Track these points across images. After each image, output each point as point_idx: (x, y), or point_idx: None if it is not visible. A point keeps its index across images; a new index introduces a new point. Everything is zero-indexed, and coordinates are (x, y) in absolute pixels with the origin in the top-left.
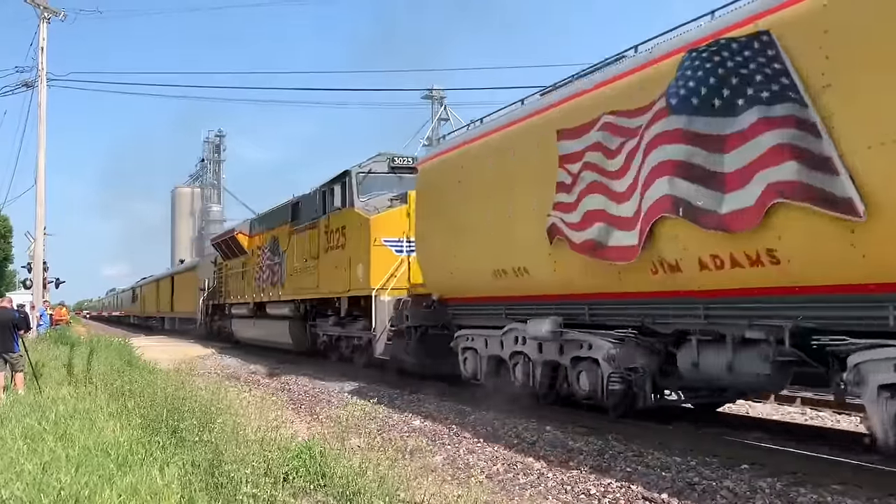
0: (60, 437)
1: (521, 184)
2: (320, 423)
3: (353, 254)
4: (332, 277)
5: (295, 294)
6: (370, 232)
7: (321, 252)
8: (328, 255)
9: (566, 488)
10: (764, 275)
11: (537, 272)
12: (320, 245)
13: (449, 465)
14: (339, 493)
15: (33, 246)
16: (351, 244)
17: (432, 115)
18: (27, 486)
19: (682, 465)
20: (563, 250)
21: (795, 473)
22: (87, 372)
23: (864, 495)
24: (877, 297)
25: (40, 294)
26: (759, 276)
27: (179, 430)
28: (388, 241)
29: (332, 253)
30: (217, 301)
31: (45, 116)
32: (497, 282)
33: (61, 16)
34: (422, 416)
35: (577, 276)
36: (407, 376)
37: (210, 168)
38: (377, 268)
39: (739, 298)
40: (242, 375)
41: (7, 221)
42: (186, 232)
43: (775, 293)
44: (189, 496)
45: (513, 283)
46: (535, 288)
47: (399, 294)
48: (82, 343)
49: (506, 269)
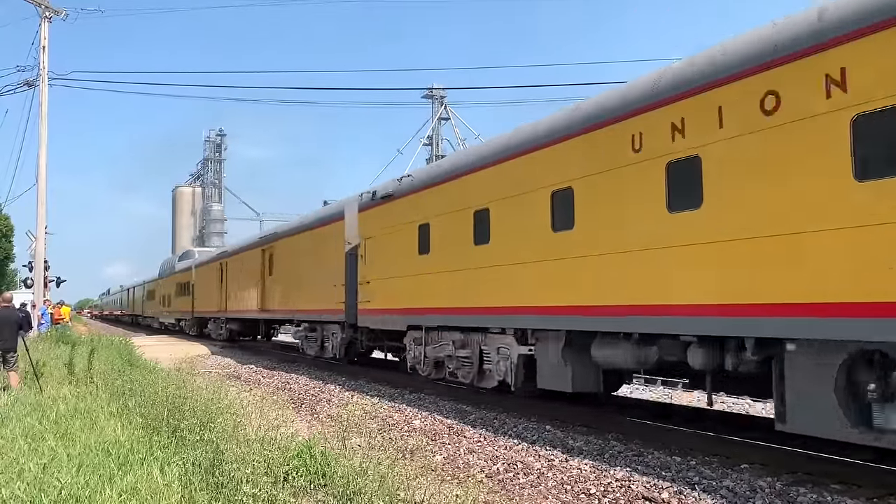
0: (61, 436)
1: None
2: (321, 423)
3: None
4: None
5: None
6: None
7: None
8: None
9: (566, 488)
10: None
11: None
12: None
13: (449, 465)
14: (339, 492)
15: (34, 245)
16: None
17: (432, 115)
18: (28, 485)
19: (681, 465)
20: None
21: (795, 473)
22: (88, 371)
23: (863, 495)
24: None
25: (41, 293)
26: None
27: (180, 430)
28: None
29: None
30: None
31: (46, 115)
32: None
33: (62, 15)
34: (422, 416)
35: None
36: (406, 376)
37: (211, 167)
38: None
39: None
40: (243, 374)
41: (8, 220)
42: (187, 231)
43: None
44: (190, 495)
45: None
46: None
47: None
48: (83, 342)
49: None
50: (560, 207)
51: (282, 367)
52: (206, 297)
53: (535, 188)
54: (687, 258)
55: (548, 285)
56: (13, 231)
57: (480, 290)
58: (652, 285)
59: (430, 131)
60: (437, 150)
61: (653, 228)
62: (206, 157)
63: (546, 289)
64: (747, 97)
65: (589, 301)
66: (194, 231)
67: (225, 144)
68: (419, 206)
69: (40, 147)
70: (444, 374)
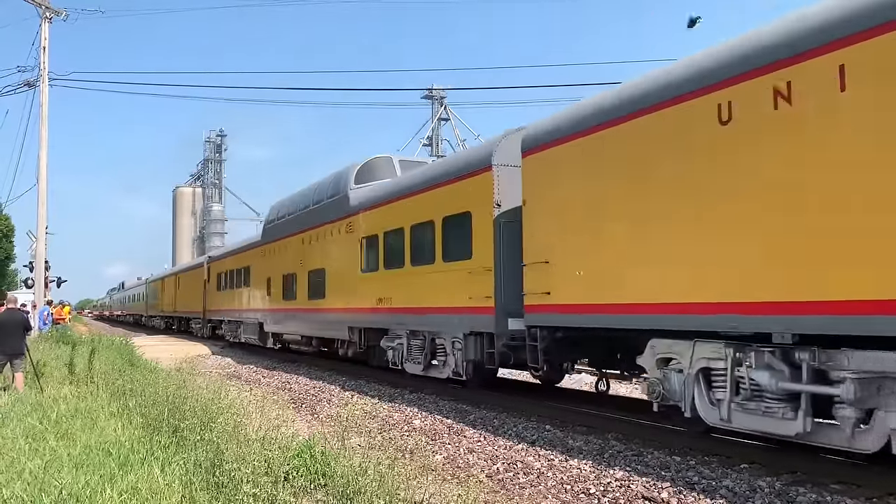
0: (62, 436)
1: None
2: (321, 423)
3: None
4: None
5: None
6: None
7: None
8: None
9: (566, 488)
10: None
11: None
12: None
13: (449, 465)
14: (339, 492)
15: (35, 245)
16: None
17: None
18: (28, 485)
19: (681, 465)
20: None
21: (795, 473)
22: (89, 371)
23: (863, 495)
24: None
25: (42, 293)
26: None
27: (181, 430)
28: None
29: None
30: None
31: (46, 116)
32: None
33: (63, 15)
34: (422, 416)
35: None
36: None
37: (211, 167)
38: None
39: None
40: (243, 374)
41: (9, 221)
42: (188, 232)
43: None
44: (190, 495)
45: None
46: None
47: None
48: (83, 342)
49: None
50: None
51: (282, 367)
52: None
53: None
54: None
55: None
56: (13, 231)
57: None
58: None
59: (430, 132)
60: (436, 151)
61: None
62: (207, 158)
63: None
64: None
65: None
66: (194, 231)
67: (225, 145)
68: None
69: (41, 147)
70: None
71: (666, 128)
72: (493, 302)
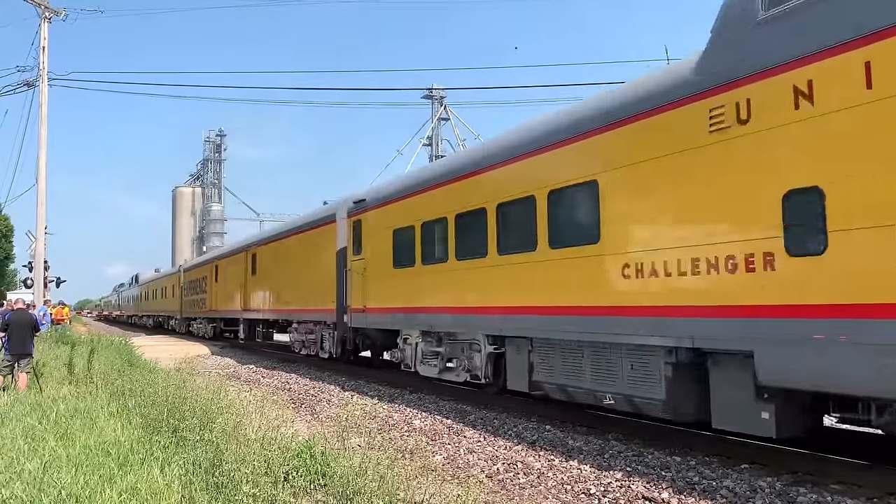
0: (61, 436)
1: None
2: (321, 423)
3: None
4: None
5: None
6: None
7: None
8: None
9: (566, 488)
10: None
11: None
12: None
13: (449, 465)
14: (339, 492)
15: (34, 245)
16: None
17: (432, 115)
18: (27, 485)
19: (681, 465)
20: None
21: (795, 473)
22: (88, 371)
23: (863, 495)
24: None
25: (41, 293)
26: None
27: (180, 430)
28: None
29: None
30: None
31: (45, 115)
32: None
33: (62, 15)
34: (422, 416)
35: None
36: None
37: (211, 167)
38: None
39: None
40: (243, 374)
41: (8, 221)
42: (187, 232)
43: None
44: (190, 495)
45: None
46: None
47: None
48: (83, 342)
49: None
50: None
51: (282, 367)
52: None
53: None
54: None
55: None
56: (13, 231)
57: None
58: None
59: (430, 131)
60: (436, 151)
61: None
62: (206, 158)
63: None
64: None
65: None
66: (194, 231)
67: (225, 145)
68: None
69: (40, 147)
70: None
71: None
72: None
